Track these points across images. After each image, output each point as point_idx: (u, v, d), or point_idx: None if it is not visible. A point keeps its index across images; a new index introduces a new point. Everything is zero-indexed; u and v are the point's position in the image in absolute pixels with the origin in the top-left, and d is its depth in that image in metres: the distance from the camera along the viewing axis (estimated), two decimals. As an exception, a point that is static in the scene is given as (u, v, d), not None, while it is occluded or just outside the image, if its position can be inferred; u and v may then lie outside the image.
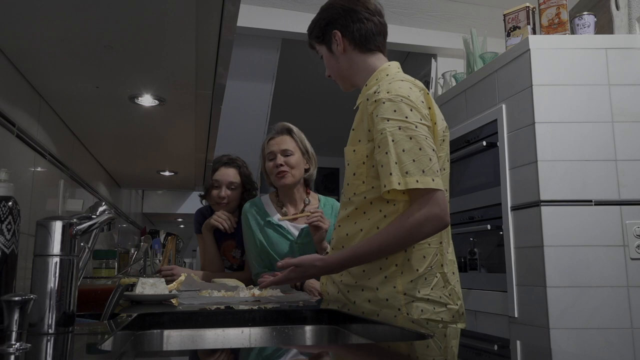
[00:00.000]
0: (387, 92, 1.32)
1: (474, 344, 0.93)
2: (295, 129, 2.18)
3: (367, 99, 1.37)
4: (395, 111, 1.29)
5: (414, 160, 1.25)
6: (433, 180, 1.26)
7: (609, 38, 2.24)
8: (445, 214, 1.28)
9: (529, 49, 2.21)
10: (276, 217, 2.13)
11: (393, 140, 1.27)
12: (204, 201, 2.61)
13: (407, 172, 1.25)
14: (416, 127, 1.28)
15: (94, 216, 1.00)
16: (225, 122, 2.74)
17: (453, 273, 1.42)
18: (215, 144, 2.15)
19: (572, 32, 2.32)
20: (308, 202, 2.20)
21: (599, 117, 2.15)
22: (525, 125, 2.21)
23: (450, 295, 1.37)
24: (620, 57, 2.19)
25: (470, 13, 3.32)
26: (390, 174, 1.26)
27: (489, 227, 2.38)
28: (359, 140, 1.40)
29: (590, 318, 2.01)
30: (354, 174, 1.40)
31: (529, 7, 2.43)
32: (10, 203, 0.97)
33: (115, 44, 1.23)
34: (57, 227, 0.90)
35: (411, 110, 1.29)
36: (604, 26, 2.50)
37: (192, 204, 4.21)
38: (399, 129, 1.28)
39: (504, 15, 2.51)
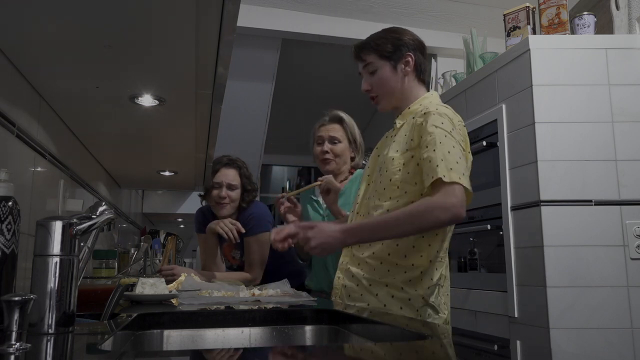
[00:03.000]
0: (436, 109, 1.48)
1: (474, 344, 0.93)
2: (346, 118, 2.22)
3: (414, 117, 1.53)
4: (442, 123, 1.44)
5: (457, 163, 1.39)
6: (468, 185, 1.40)
7: (609, 38, 2.24)
8: (462, 207, 1.37)
9: (529, 49, 2.21)
10: (319, 197, 2.22)
11: (440, 142, 1.41)
12: (203, 202, 2.61)
13: (451, 169, 1.37)
14: (456, 142, 1.44)
15: (94, 216, 1.00)
16: (225, 122, 2.73)
17: (445, 286, 1.57)
18: (215, 144, 2.15)
19: (572, 32, 2.32)
20: (344, 178, 2.24)
21: (599, 117, 2.15)
22: (525, 125, 2.21)
23: (442, 304, 1.52)
24: (620, 57, 2.19)
25: (470, 13, 3.32)
26: (437, 166, 1.38)
27: (489, 227, 2.38)
28: (397, 151, 1.53)
29: (590, 318, 2.01)
30: (391, 180, 1.51)
31: (529, 7, 2.43)
32: (10, 203, 0.97)
33: (115, 44, 1.23)
34: (57, 227, 0.90)
35: (453, 129, 1.45)
36: (604, 26, 2.50)
37: (192, 204, 4.21)
38: (445, 136, 1.42)
39: (504, 15, 2.50)
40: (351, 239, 1.48)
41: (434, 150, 1.40)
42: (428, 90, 1.67)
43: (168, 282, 1.61)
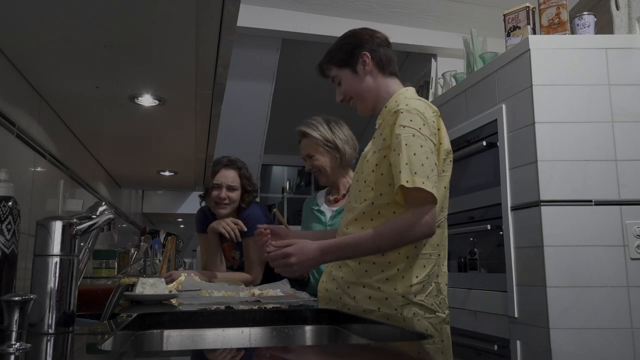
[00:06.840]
0: (406, 105, 1.44)
1: (474, 344, 0.93)
2: (309, 130, 2.18)
3: (390, 115, 1.48)
4: (411, 121, 1.41)
5: (422, 165, 1.36)
6: (432, 188, 1.36)
7: (609, 38, 2.24)
8: (434, 224, 1.38)
9: (529, 49, 2.21)
10: (322, 206, 2.24)
11: (406, 144, 1.38)
12: (203, 202, 2.60)
13: (415, 173, 1.35)
14: (425, 139, 1.40)
15: (94, 216, 1.00)
16: (225, 122, 2.73)
17: (446, 284, 1.52)
18: (215, 144, 2.15)
19: (572, 32, 2.32)
20: (349, 185, 2.18)
21: (599, 117, 2.15)
22: (525, 125, 2.21)
23: (440, 304, 1.47)
24: (620, 57, 2.19)
25: (470, 13, 3.32)
26: (400, 172, 1.36)
27: (489, 227, 2.38)
28: (373, 152, 1.51)
29: (590, 318, 2.01)
30: (365, 181, 1.50)
31: (529, 7, 2.43)
32: (10, 203, 0.97)
33: (115, 44, 1.23)
34: (57, 227, 0.90)
35: (424, 124, 1.41)
36: (604, 26, 2.50)
37: (192, 204, 4.20)
38: (413, 136, 1.39)
39: (504, 15, 2.50)
40: (329, 256, 1.46)
41: (399, 154, 1.38)
42: (401, 81, 1.63)
43: (168, 282, 1.61)
